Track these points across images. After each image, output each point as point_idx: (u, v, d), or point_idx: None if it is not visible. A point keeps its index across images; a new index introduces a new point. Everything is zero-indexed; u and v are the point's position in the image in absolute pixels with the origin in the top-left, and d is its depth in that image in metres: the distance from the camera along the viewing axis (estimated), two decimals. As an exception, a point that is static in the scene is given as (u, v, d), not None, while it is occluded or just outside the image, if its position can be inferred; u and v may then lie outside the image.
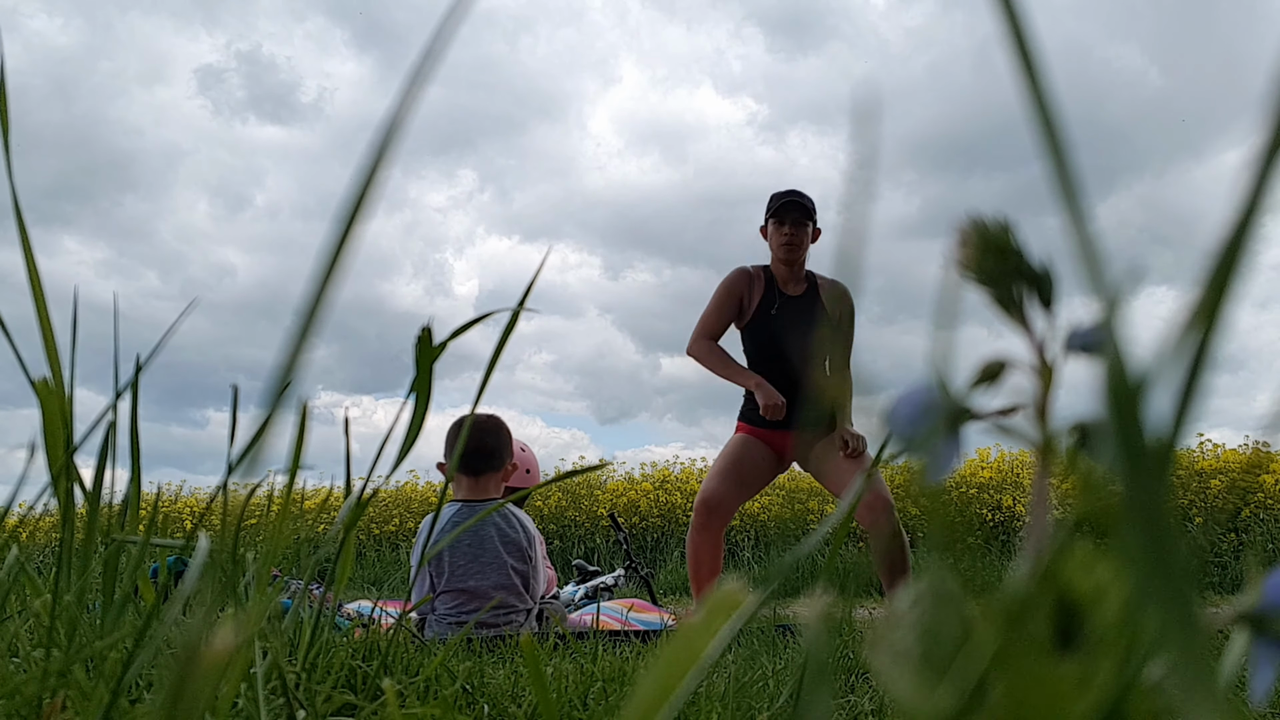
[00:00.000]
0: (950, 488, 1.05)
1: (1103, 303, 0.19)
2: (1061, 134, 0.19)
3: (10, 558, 0.68)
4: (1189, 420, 0.18)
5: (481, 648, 1.54)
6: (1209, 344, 0.17)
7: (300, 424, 0.71)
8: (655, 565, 7.51)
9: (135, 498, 0.75)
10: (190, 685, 0.26)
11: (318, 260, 0.28)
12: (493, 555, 2.31)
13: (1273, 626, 0.27)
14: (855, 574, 3.37)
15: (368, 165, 0.29)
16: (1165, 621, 0.17)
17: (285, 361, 0.28)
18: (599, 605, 2.54)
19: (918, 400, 0.30)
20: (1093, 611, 0.23)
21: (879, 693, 1.08)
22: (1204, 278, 0.17)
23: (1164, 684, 0.22)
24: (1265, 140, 0.16)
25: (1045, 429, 0.29)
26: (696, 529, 2.86)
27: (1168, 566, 0.17)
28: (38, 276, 0.71)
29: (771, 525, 7.69)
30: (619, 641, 1.78)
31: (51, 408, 0.69)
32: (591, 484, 8.59)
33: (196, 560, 0.57)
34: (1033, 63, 0.19)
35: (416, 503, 8.77)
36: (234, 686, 0.53)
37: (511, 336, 0.77)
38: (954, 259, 0.30)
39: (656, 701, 0.29)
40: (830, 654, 0.25)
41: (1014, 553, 6.81)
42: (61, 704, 0.53)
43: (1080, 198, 0.19)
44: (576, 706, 0.87)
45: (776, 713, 0.87)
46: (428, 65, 0.29)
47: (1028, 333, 0.30)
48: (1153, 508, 0.17)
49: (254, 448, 0.30)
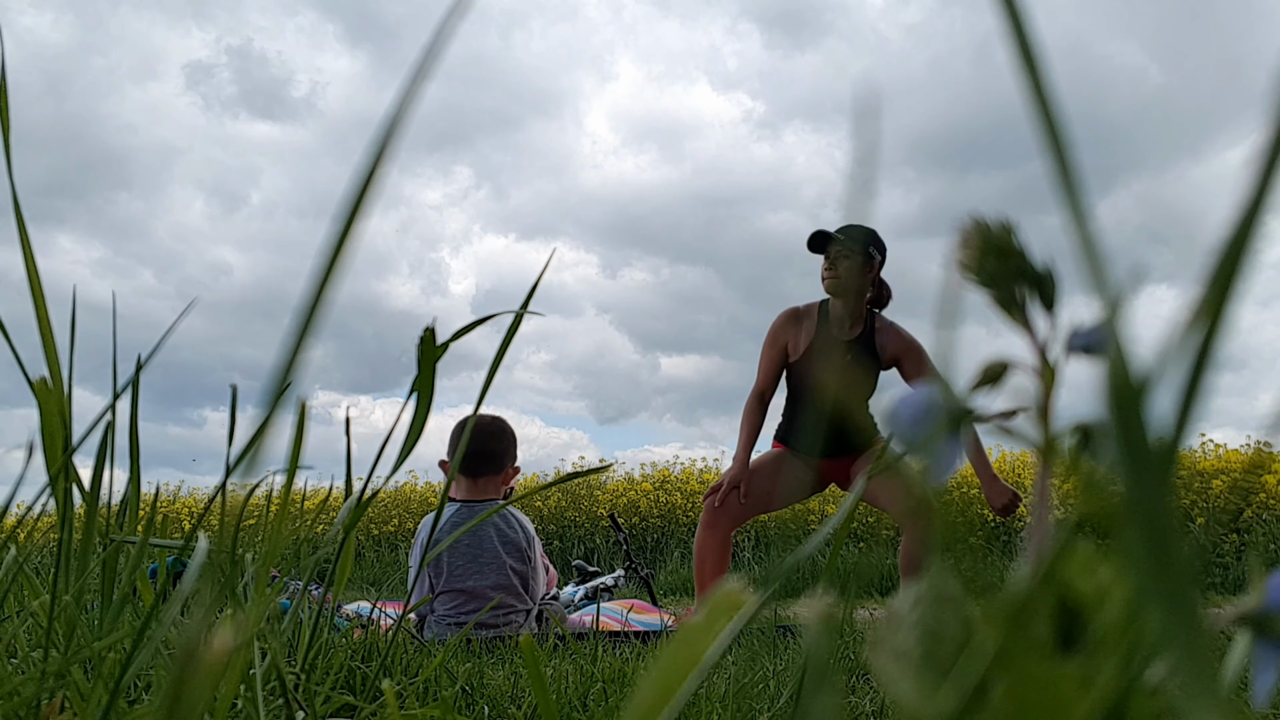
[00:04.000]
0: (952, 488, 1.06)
1: (1104, 303, 0.18)
2: (1063, 131, 0.19)
3: (8, 558, 0.68)
4: (1191, 420, 0.18)
5: (481, 648, 1.54)
6: (1211, 343, 0.17)
7: (299, 424, 0.71)
8: (655, 566, 7.51)
9: (134, 498, 0.74)
10: (189, 686, 0.26)
11: (317, 259, 0.28)
12: (491, 555, 2.30)
13: (1275, 627, 0.27)
14: (856, 574, 3.37)
15: (367, 164, 0.29)
16: (1167, 622, 0.17)
17: (284, 361, 0.28)
18: (599, 606, 2.53)
19: (919, 401, 0.30)
20: (1094, 612, 0.23)
21: (880, 694, 1.08)
22: (1206, 276, 0.17)
23: (1166, 685, 0.22)
24: (1268, 138, 0.16)
25: (1047, 430, 0.29)
26: (704, 526, 2.84)
27: (1169, 567, 0.17)
28: (37, 276, 0.71)
29: (772, 526, 7.69)
30: (619, 642, 1.78)
31: (50, 407, 0.69)
32: (591, 484, 8.58)
33: (195, 561, 0.57)
34: (1033, 59, 0.19)
35: (416, 503, 8.76)
36: (233, 687, 0.53)
37: (511, 339, 0.77)
38: (955, 259, 0.30)
39: (657, 703, 0.29)
40: (831, 655, 0.25)
41: (1015, 553, 6.81)
42: (60, 705, 0.53)
43: (1081, 196, 0.18)
44: (576, 707, 0.87)
45: (777, 714, 0.87)
46: (428, 63, 0.29)
47: (1029, 333, 0.30)
48: (1155, 508, 0.17)
49: (253, 448, 0.30)
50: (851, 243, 2.74)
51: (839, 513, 0.37)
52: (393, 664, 0.84)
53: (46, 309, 0.71)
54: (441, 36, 0.29)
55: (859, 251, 2.77)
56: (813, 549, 0.34)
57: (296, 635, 0.78)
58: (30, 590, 0.72)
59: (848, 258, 2.77)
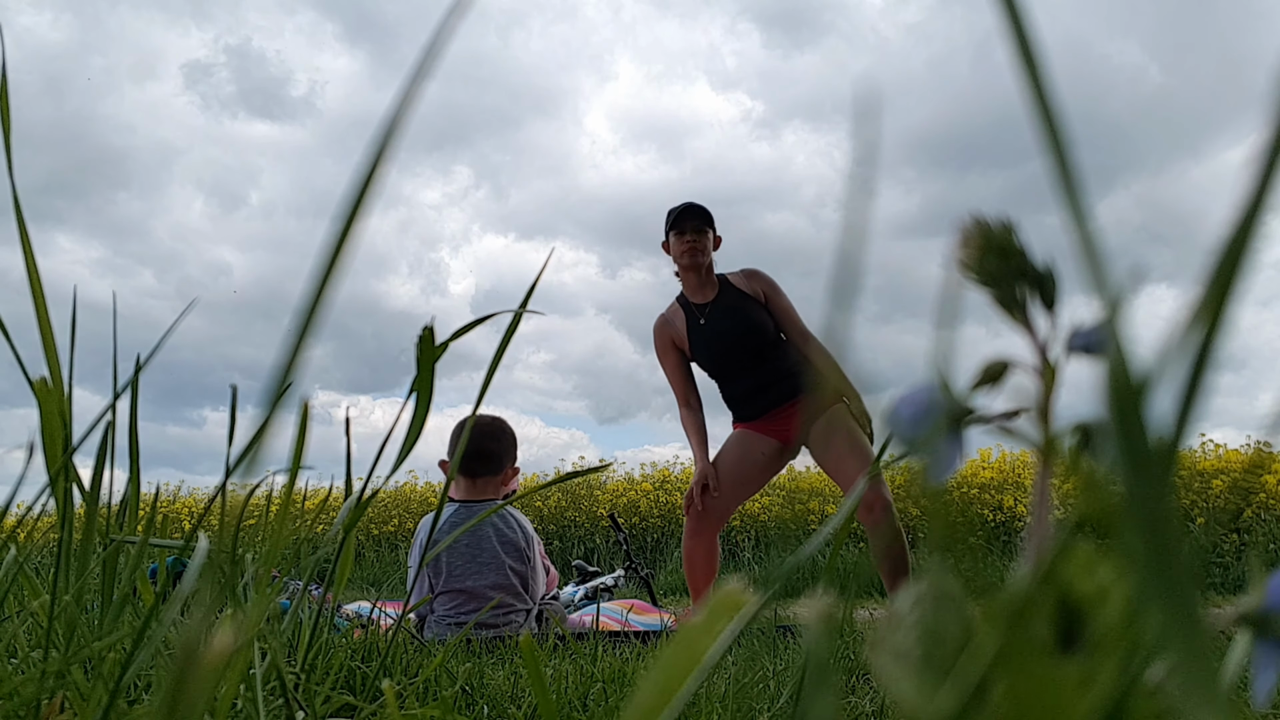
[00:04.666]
0: (952, 488, 1.06)
1: (1104, 302, 0.18)
2: (1063, 130, 0.19)
3: (8, 558, 0.68)
4: (1191, 420, 0.18)
5: (481, 648, 1.54)
6: (1211, 343, 0.17)
7: (301, 424, 0.71)
8: (655, 565, 7.51)
9: (134, 498, 0.74)
10: (189, 686, 0.26)
11: (317, 259, 0.28)
12: (490, 555, 2.30)
13: (1275, 627, 0.27)
14: (856, 575, 3.37)
15: (367, 165, 0.29)
16: (1167, 622, 0.17)
17: (284, 361, 0.28)
18: (599, 606, 2.54)
19: (919, 401, 0.30)
20: (1094, 612, 0.23)
21: (880, 694, 1.08)
22: (1206, 276, 0.17)
23: (1166, 685, 0.22)
24: (1268, 138, 0.16)
25: (1047, 429, 0.29)
26: (690, 534, 2.89)
27: (1170, 567, 0.17)
28: (37, 276, 0.70)
29: (772, 526, 7.69)
30: (619, 642, 1.78)
31: (50, 407, 0.69)
32: (591, 484, 8.58)
33: (195, 561, 0.57)
34: (1033, 58, 0.19)
35: (415, 503, 8.77)
36: (233, 687, 0.53)
37: (511, 339, 0.77)
38: (955, 259, 0.30)
39: (657, 703, 0.29)
40: (831, 655, 0.25)
41: (1016, 553, 6.81)
42: (60, 705, 0.53)
43: (1081, 195, 0.18)
44: (576, 708, 0.87)
45: (777, 713, 0.87)
46: (428, 63, 0.29)
47: (1029, 333, 0.30)
48: (1155, 508, 0.17)
49: (253, 448, 0.30)
50: (701, 220, 2.95)
51: (839, 513, 0.37)
52: (393, 664, 0.84)
53: (47, 309, 0.71)
54: (442, 36, 0.29)
55: (709, 226, 2.97)
56: (813, 549, 0.34)
57: (296, 635, 0.78)
58: (30, 590, 0.72)
59: (701, 232, 2.95)
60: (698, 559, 2.89)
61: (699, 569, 2.89)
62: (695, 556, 2.89)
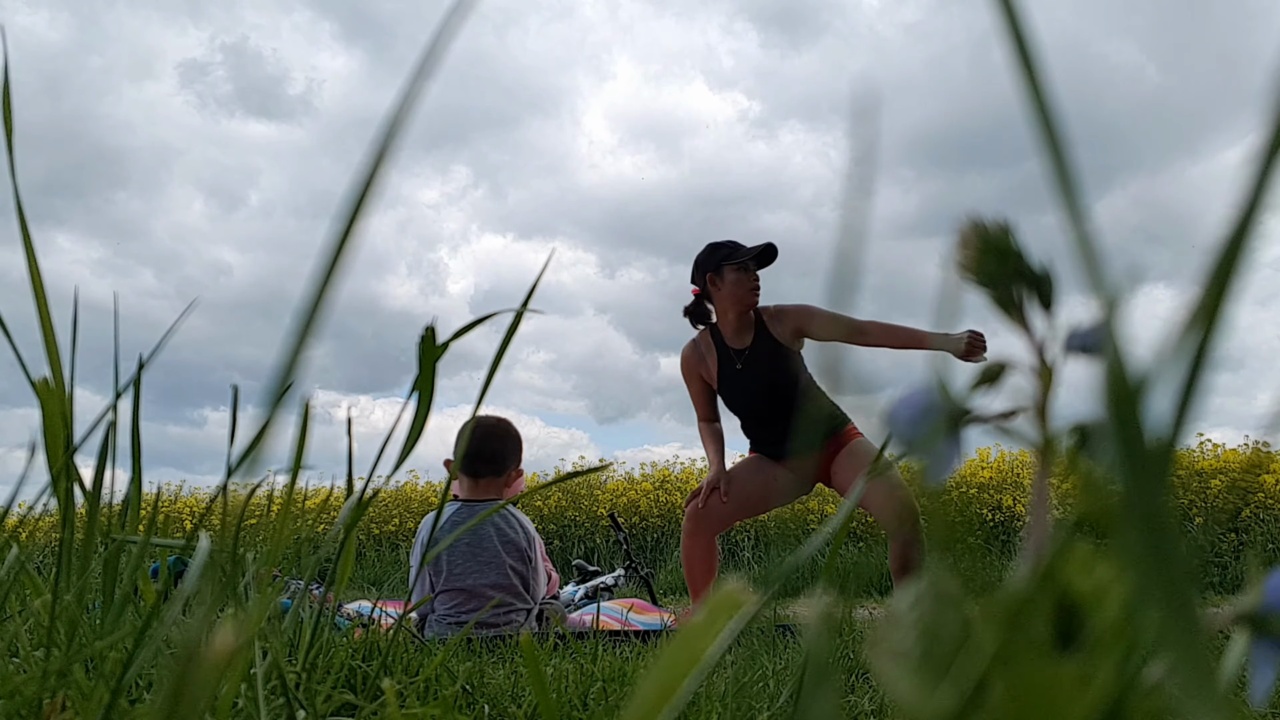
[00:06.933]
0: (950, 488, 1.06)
1: (1102, 302, 0.19)
2: (1060, 130, 0.19)
3: (10, 558, 0.68)
4: (1189, 420, 0.18)
5: (481, 648, 1.54)
6: (1209, 343, 0.17)
7: (302, 424, 0.71)
8: (655, 565, 7.51)
9: (136, 497, 0.75)
10: (190, 685, 0.26)
11: (318, 260, 0.28)
12: (491, 554, 2.30)
13: (1273, 627, 0.27)
14: (856, 574, 3.37)
15: (368, 165, 0.29)
16: (1165, 622, 0.17)
17: (286, 361, 0.28)
18: (599, 605, 2.54)
19: (918, 401, 0.30)
20: (1093, 612, 0.23)
21: (879, 693, 1.08)
22: (1204, 276, 0.17)
23: (1164, 684, 0.22)
24: (1265, 137, 0.16)
25: (1045, 429, 0.29)
26: (688, 534, 2.88)
27: (1168, 567, 0.17)
28: (39, 275, 0.71)
29: (771, 525, 7.69)
30: (619, 642, 1.78)
31: (51, 407, 0.69)
32: (591, 484, 8.58)
33: (197, 560, 0.57)
34: (1030, 58, 0.19)
35: (416, 503, 8.76)
36: (234, 687, 0.53)
37: (512, 338, 0.77)
38: (953, 260, 0.30)
39: (657, 702, 0.29)
40: (830, 654, 0.25)
41: (1014, 553, 6.81)
42: (61, 704, 0.53)
43: (1079, 195, 0.19)
44: (576, 707, 0.87)
45: (777, 713, 0.87)
46: (429, 63, 0.29)
47: (1027, 333, 0.30)
48: (1153, 508, 0.17)
49: (255, 448, 0.30)
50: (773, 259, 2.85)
51: (839, 513, 0.37)
52: (393, 663, 0.84)
53: (48, 309, 0.71)
54: (443, 36, 0.29)
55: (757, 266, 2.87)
56: (813, 549, 0.34)
57: (297, 634, 0.78)
58: (32, 589, 0.73)
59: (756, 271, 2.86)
60: (696, 559, 2.88)
61: (698, 569, 2.89)
62: (693, 556, 2.88)
